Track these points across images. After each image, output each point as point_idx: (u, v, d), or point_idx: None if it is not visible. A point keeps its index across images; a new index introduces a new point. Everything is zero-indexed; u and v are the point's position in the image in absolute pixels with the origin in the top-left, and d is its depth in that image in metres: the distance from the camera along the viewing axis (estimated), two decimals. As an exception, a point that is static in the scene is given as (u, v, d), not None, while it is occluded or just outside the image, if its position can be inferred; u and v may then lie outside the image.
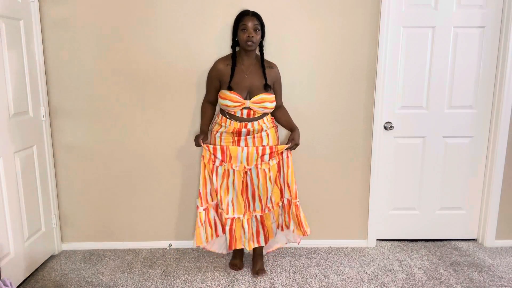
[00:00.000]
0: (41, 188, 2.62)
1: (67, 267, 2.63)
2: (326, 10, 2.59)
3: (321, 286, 2.40)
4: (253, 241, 2.49)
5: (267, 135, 2.44)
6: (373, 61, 2.66)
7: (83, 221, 2.86)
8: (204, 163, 2.44)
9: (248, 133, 2.39)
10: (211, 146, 2.39)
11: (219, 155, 2.39)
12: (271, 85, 2.40)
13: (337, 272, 2.56)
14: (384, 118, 2.79)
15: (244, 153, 2.37)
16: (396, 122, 2.80)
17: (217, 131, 2.43)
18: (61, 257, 2.78)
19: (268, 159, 2.41)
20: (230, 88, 2.33)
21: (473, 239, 3.02)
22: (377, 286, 2.40)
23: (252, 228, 2.49)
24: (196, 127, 2.72)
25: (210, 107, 2.55)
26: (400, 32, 2.68)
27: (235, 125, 2.37)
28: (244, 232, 2.46)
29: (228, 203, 2.44)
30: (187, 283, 2.43)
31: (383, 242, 2.99)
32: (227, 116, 2.40)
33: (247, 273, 2.55)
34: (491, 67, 2.74)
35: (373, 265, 2.65)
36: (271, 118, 2.52)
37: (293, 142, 2.45)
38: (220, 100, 2.38)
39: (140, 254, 2.81)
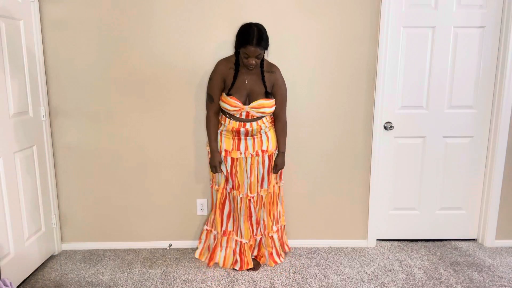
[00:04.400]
0: (41, 188, 2.62)
1: (67, 267, 2.63)
2: (326, 10, 2.59)
3: (321, 286, 2.40)
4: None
5: (267, 138, 2.46)
6: (373, 61, 2.66)
7: (83, 221, 2.86)
8: (217, 190, 2.56)
9: (247, 134, 2.40)
10: (224, 171, 2.49)
11: (230, 182, 2.49)
12: (271, 91, 2.40)
13: (337, 272, 2.56)
14: (384, 118, 2.79)
15: (248, 181, 2.47)
16: (396, 122, 2.80)
17: (218, 129, 2.47)
18: (61, 257, 2.78)
19: (267, 186, 2.53)
20: (229, 94, 2.34)
21: (473, 239, 3.02)
22: (377, 286, 2.40)
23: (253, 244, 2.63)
24: (196, 127, 2.72)
25: (217, 119, 2.47)
26: (400, 32, 2.68)
27: (234, 124, 2.39)
28: (251, 254, 2.62)
29: (236, 228, 2.57)
30: (187, 283, 2.43)
31: (383, 242, 2.99)
32: (227, 116, 2.41)
33: (247, 273, 2.55)
34: (491, 67, 2.74)
35: (373, 265, 2.65)
36: (271, 118, 2.52)
37: (276, 168, 2.54)
38: (220, 103, 2.39)
39: (140, 254, 2.81)
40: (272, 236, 2.60)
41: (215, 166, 2.48)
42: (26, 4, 2.43)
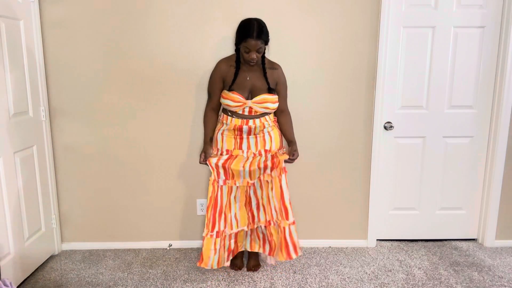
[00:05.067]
0: (41, 188, 2.62)
1: (67, 267, 2.63)
2: (326, 10, 2.59)
3: (321, 286, 2.40)
4: (259, 244, 2.53)
5: (270, 137, 2.43)
6: (373, 61, 2.66)
7: (83, 221, 2.86)
8: (209, 180, 2.38)
9: (249, 132, 2.39)
10: (213, 163, 2.34)
11: (222, 174, 2.36)
12: (273, 87, 2.39)
13: (337, 272, 2.56)
14: (384, 118, 2.79)
15: (247, 169, 2.33)
16: (396, 122, 2.80)
17: (219, 129, 2.45)
18: (61, 257, 2.78)
19: (270, 171, 2.38)
20: (231, 90, 2.33)
21: (473, 239, 3.02)
22: (377, 286, 2.40)
23: (258, 234, 2.50)
24: (196, 126, 2.72)
25: (213, 115, 2.46)
26: (400, 32, 2.68)
27: (236, 122, 2.37)
28: (247, 236, 2.51)
29: (231, 218, 2.42)
30: (187, 283, 2.43)
31: (383, 242, 2.99)
32: (229, 114, 2.40)
33: (247, 273, 2.55)
34: (491, 67, 2.74)
35: (373, 265, 2.65)
36: (274, 118, 2.51)
37: (296, 154, 2.39)
38: (222, 100, 2.38)
39: (140, 254, 2.81)
40: (284, 227, 2.35)
41: (200, 155, 2.39)
42: (26, 4, 2.43)
